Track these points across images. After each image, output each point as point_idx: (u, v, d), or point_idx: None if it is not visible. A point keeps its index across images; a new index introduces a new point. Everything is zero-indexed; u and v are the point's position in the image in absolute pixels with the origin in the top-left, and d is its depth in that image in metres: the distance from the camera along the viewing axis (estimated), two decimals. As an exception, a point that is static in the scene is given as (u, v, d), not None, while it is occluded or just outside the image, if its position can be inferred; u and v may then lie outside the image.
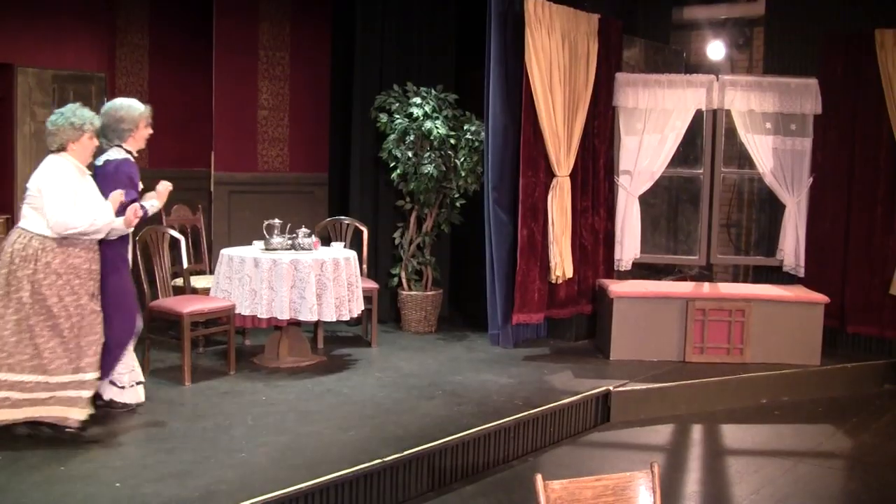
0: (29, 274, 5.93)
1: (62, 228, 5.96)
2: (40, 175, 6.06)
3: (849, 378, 9.06)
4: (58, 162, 6.11)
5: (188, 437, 6.29)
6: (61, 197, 5.97)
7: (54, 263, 5.98)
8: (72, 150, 6.18)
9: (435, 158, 9.49)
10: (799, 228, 9.63)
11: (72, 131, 6.15)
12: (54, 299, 5.96)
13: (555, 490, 3.21)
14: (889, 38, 9.11)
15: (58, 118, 6.16)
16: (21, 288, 5.92)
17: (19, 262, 5.92)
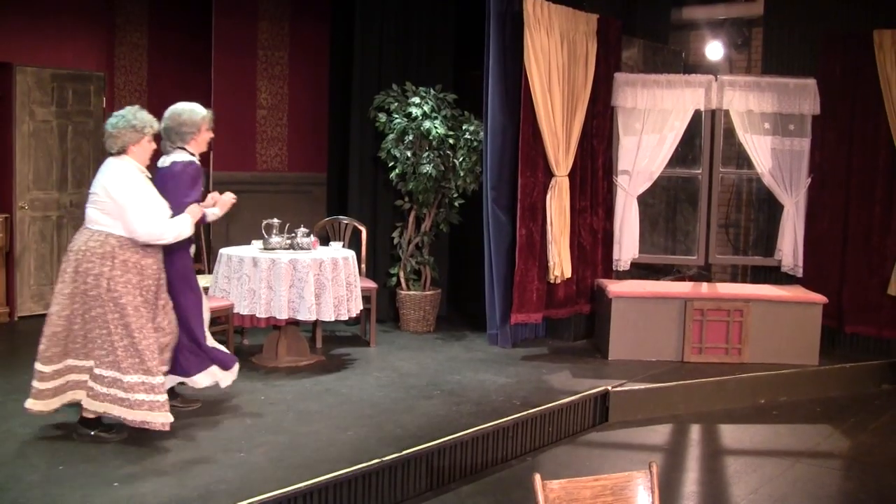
0: (105, 271, 5.97)
1: (150, 238, 6.06)
2: (111, 181, 6.06)
3: (847, 378, 9.07)
4: (126, 167, 6.13)
5: (187, 436, 6.28)
6: (143, 207, 6.03)
7: (130, 262, 6.04)
8: (132, 152, 6.19)
9: (434, 158, 9.50)
10: (797, 228, 9.64)
11: (132, 134, 6.16)
12: (128, 297, 6.00)
13: (553, 490, 3.22)
14: (887, 38, 9.12)
15: (118, 121, 6.17)
16: (98, 285, 5.96)
17: (97, 259, 5.96)
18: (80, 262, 5.97)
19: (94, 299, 5.96)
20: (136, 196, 6.03)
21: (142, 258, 6.08)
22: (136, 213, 5.98)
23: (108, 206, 6.01)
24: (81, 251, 5.99)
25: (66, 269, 6.03)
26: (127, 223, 5.98)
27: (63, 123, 10.14)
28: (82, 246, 6.00)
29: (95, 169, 10.15)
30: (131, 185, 6.05)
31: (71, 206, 10.28)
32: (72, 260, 6.01)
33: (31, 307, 10.03)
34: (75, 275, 5.98)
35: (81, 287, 5.97)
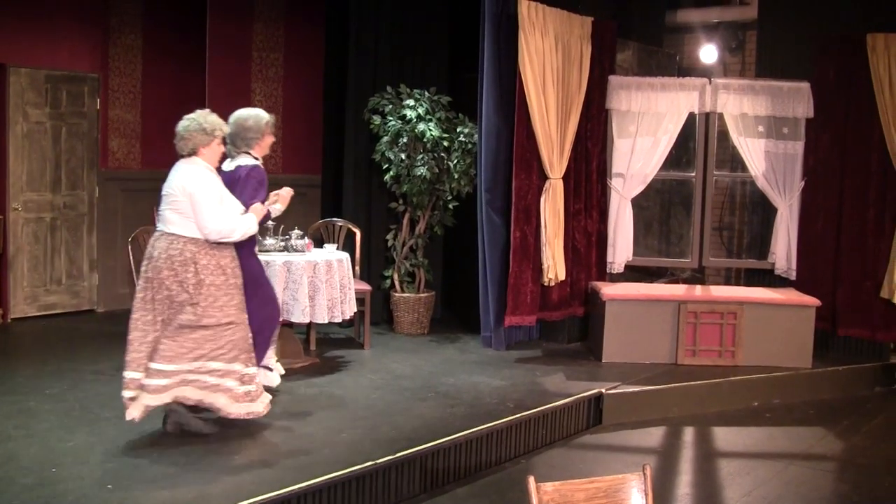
0: (189, 277, 6.11)
1: (220, 236, 6.22)
2: (186, 180, 6.20)
3: (840, 381, 9.09)
4: (198, 168, 6.29)
5: (180, 438, 6.28)
6: (216, 204, 6.21)
7: (210, 265, 6.19)
8: (202, 154, 6.35)
9: (428, 160, 9.50)
10: (791, 231, 9.65)
11: (203, 136, 6.32)
12: (211, 299, 6.16)
13: (547, 492, 3.22)
14: (880, 41, 9.14)
15: (190, 123, 6.34)
16: (184, 290, 6.10)
17: (178, 266, 6.10)
18: (162, 269, 6.11)
19: (180, 304, 6.10)
20: (210, 194, 6.20)
21: (220, 260, 6.26)
22: (208, 211, 6.15)
23: (183, 205, 6.17)
24: (163, 258, 6.13)
25: (149, 276, 6.16)
26: (199, 220, 6.14)
27: (57, 125, 10.14)
28: (163, 253, 6.14)
29: (89, 170, 10.26)
30: (205, 183, 6.22)
31: (64, 208, 10.27)
32: (155, 266, 6.14)
33: (24, 309, 10.02)
34: (159, 281, 6.12)
35: (165, 293, 6.11)
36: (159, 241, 6.21)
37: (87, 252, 10.55)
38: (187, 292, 6.09)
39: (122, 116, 10.73)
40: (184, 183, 6.19)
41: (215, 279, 6.19)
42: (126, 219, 10.65)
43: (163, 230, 6.23)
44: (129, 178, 10.82)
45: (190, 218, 6.15)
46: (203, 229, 6.16)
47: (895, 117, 9.10)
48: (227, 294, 6.26)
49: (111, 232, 10.67)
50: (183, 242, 6.14)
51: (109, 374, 7.82)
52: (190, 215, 6.15)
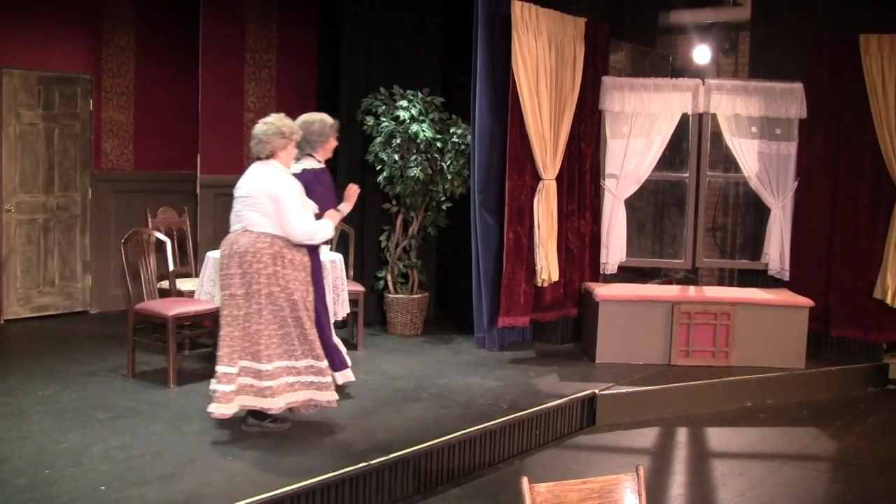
0: (279, 270, 6.31)
1: (305, 238, 6.41)
2: (270, 183, 6.34)
3: (833, 381, 9.10)
4: (279, 171, 6.45)
5: (173, 439, 6.28)
6: (299, 209, 6.39)
7: (296, 260, 6.41)
8: (279, 157, 6.50)
9: (421, 161, 9.50)
10: (784, 232, 9.66)
11: (281, 140, 6.46)
12: (298, 293, 6.38)
13: (540, 493, 3.22)
14: (873, 43, 9.15)
15: (268, 128, 6.46)
16: (274, 283, 6.28)
17: (268, 259, 6.27)
18: (251, 264, 6.25)
19: (267, 297, 6.27)
20: (294, 197, 6.37)
21: (303, 256, 6.47)
22: (294, 214, 6.32)
23: (266, 207, 6.30)
24: (251, 252, 6.26)
25: (232, 273, 6.30)
26: (285, 222, 6.31)
27: (50, 126, 10.12)
28: (251, 248, 6.26)
29: (82, 172, 10.25)
30: (289, 187, 6.39)
31: (58, 209, 10.25)
32: (240, 262, 6.28)
33: (17, 310, 10.00)
34: (245, 276, 6.27)
35: (254, 287, 6.25)
36: (243, 238, 6.33)
37: (81, 253, 10.53)
38: (278, 285, 6.28)
39: (114, 118, 10.71)
40: (267, 185, 6.32)
41: (298, 274, 6.39)
42: (119, 220, 10.64)
43: (246, 228, 6.35)
44: (122, 179, 10.80)
45: (273, 219, 6.31)
46: (288, 231, 6.33)
47: (888, 118, 9.12)
48: (307, 290, 6.47)
49: (104, 233, 10.65)
50: (271, 237, 6.30)
51: (102, 376, 7.83)
52: (274, 216, 6.31)
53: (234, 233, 6.40)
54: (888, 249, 9.17)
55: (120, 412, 6.83)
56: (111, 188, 10.71)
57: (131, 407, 6.97)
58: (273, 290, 6.26)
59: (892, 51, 9.09)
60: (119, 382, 7.68)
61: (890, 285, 9.16)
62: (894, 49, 9.08)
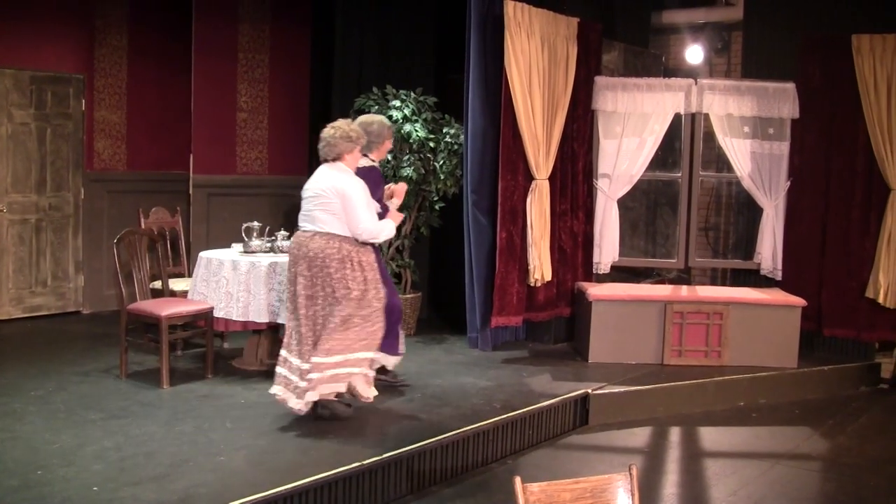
0: (348, 273, 6.62)
1: (370, 236, 6.75)
2: (339, 183, 6.66)
3: (825, 380, 9.12)
4: (346, 173, 6.78)
5: (166, 440, 6.27)
6: (366, 209, 6.72)
7: (364, 262, 6.73)
8: (346, 160, 6.82)
9: (414, 161, 9.50)
10: (776, 232, 9.68)
11: (348, 143, 6.79)
12: (364, 293, 6.69)
13: (533, 492, 3.22)
14: (865, 43, 9.18)
15: (336, 132, 6.79)
16: (342, 286, 6.60)
17: (336, 263, 6.59)
18: (321, 268, 6.60)
19: (335, 297, 6.59)
20: (361, 198, 6.69)
21: (367, 256, 6.78)
22: (362, 213, 6.66)
23: (334, 205, 6.64)
24: (320, 256, 6.60)
25: (303, 273, 6.63)
26: (353, 221, 6.64)
27: (42, 126, 10.10)
28: (319, 252, 6.60)
29: (75, 172, 10.23)
30: (356, 188, 6.71)
31: (50, 209, 10.24)
32: (310, 265, 6.62)
33: (9, 311, 9.99)
34: (315, 279, 6.61)
35: (324, 290, 6.60)
36: (314, 241, 6.64)
37: (73, 253, 10.52)
38: (347, 287, 6.58)
39: (107, 117, 10.70)
40: (335, 184, 6.65)
41: (366, 274, 6.71)
42: (111, 220, 10.63)
43: (315, 229, 6.67)
44: (114, 179, 10.79)
45: (341, 218, 6.63)
46: (355, 229, 6.65)
47: (880, 118, 9.14)
48: (374, 288, 6.76)
49: (97, 233, 10.64)
50: (339, 241, 6.62)
51: (95, 376, 7.82)
52: (341, 215, 6.62)
53: (305, 235, 6.71)
54: (880, 249, 9.20)
55: (113, 412, 6.82)
56: (104, 188, 10.69)
57: (124, 407, 6.96)
58: (342, 292, 6.57)
59: (885, 51, 9.11)
60: (112, 383, 7.67)
61: (882, 284, 9.19)
62: (886, 49, 9.11)
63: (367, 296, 6.69)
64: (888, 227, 9.17)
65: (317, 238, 6.63)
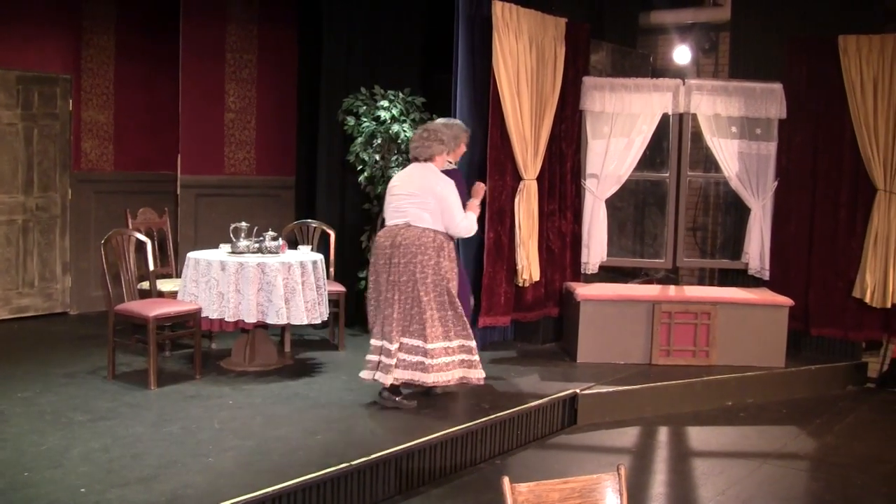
0: (442, 262, 7.07)
1: (466, 233, 7.27)
2: (434, 183, 7.11)
3: (813, 380, 9.15)
4: (438, 173, 7.20)
5: (154, 441, 6.25)
6: (460, 207, 7.17)
7: (452, 252, 7.19)
8: (436, 161, 7.26)
9: (402, 162, 9.49)
10: (764, 232, 9.70)
11: (440, 146, 7.26)
12: (454, 282, 7.17)
13: (522, 492, 3.22)
14: (852, 43, 9.20)
15: (430, 135, 7.24)
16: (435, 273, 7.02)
17: (432, 252, 7.02)
18: (416, 255, 7.00)
19: (431, 284, 7.01)
20: (455, 198, 7.13)
21: (454, 248, 7.26)
22: (458, 213, 7.12)
23: (431, 204, 7.06)
24: (415, 245, 7.00)
25: (396, 262, 7.04)
26: (450, 219, 7.09)
27: (29, 126, 10.08)
28: (415, 241, 7.01)
29: (62, 172, 10.21)
30: (450, 188, 7.13)
31: (37, 210, 10.21)
32: (405, 252, 7.01)
33: (-4, 311, 9.97)
34: (409, 266, 7.01)
35: (419, 276, 6.98)
36: (407, 232, 7.05)
37: (60, 254, 10.49)
38: (439, 274, 7.02)
39: (94, 118, 10.68)
40: (432, 185, 7.09)
41: (452, 265, 7.16)
42: (99, 221, 10.61)
43: (408, 223, 7.08)
44: (101, 179, 10.77)
45: (435, 215, 7.05)
46: (452, 227, 7.12)
47: (866, 118, 9.17)
48: (456, 279, 7.23)
49: (84, 234, 10.62)
50: (433, 233, 7.04)
51: (82, 377, 7.80)
52: (436, 213, 7.05)
53: (396, 226, 7.13)
54: (867, 248, 9.23)
55: (100, 414, 6.81)
56: (91, 189, 10.67)
57: (111, 408, 6.95)
58: (435, 279, 7.00)
59: (871, 51, 9.14)
60: (99, 384, 7.65)
61: (869, 284, 9.21)
62: (872, 50, 9.13)
63: (454, 282, 7.16)
64: (875, 227, 9.20)
65: (410, 229, 7.05)
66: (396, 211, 7.16)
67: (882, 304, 9.21)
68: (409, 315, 7.02)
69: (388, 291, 7.06)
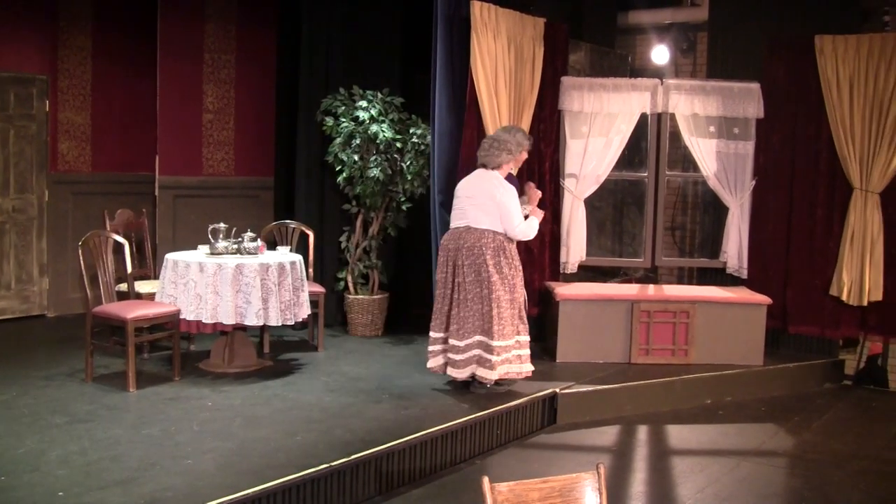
0: (501, 260, 7.54)
1: (523, 236, 7.71)
2: (496, 189, 7.61)
3: (791, 378, 9.20)
4: (501, 180, 7.69)
5: (133, 443, 6.23)
6: (519, 213, 7.66)
7: (512, 253, 7.67)
8: (502, 169, 7.77)
9: (381, 162, 9.49)
10: (742, 231, 9.74)
11: (508, 156, 7.78)
12: (515, 280, 7.65)
13: (502, 492, 3.22)
14: (828, 43, 9.25)
15: (500, 145, 7.76)
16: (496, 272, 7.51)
17: (490, 252, 7.51)
18: (478, 256, 7.51)
19: (493, 283, 7.48)
20: (515, 204, 7.61)
21: (514, 248, 7.71)
22: (516, 217, 7.59)
23: (490, 208, 7.55)
24: (477, 246, 7.52)
25: (460, 263, 7.56)
26: (507, 223, 7.56)
27: (5, 127, 10.02)
28: (476, 242, 7.52)
29: (39, 173, 10.16)
30: (511, 195, 7.61)
31: (14, 212, 10.15)
32: (468, 254, 7.53)
33: (-27, 314, 9.91)
34: (474, 266, 7.51)
35: (483, 275, 7.48)
36: (468, 234, 7.57)
37: (37, 256, 10.43)
38: (500, 273, 7.51)
39: (71, 119, 10.62)
40: (493, 191, 7.58)
41: (513, 262, 7.63)
42: (76, 222, 10.56)
43: (469, 225, 7.60)
44: (79, 181, 10.71)
45: (495, 218, 7.54)
46: (509, 230, 7.57)
47: (843, 118, 9.22)
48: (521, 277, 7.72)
49: (61, 236, 10.56)
50: (492, 234, 7.53)
51: (60, 380, 7.76)
52: (495, 216, 7.54)
53: (459, 229, 7.65)
54: (843, 247, 9.28)
55: (78, 416, 6.78)
56: (68, 190, 10.62)
57: (90, 411, 6.92)
58: (497, 278, 7.46)
59: (847, 51, 9.19)
60: (77, 386, 7.62)
61: (845, 282, 9.26)
62: (848, 50, 9.18)
63: (515, 280, 7.61)
64: (851, 226, 9.25)
65: (471, 231, 7.55)
66: (459, 211, 7.71)
67: (858, 301, 9.26)
68: (479, 314, 7.50)
69: (456, 292, 7.59)
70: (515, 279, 7.62)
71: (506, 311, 7.54)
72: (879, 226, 9.18)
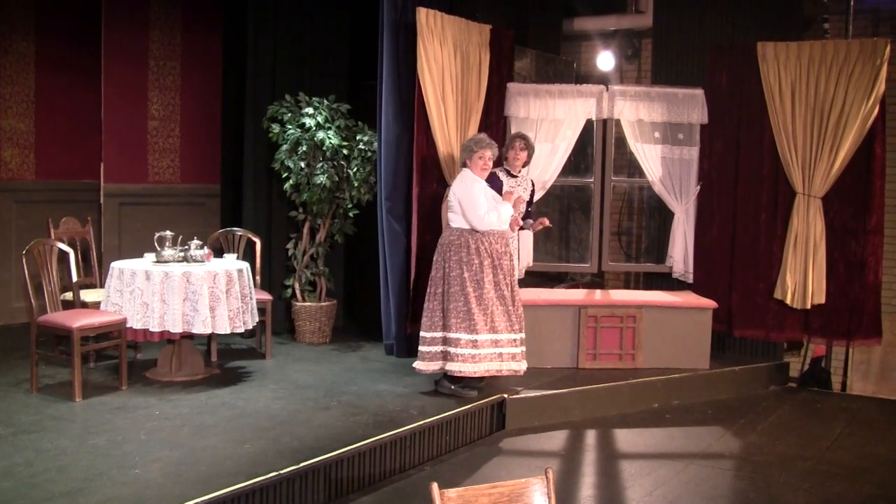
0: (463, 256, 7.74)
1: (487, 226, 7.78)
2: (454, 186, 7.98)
3: (736, 381, 9.30)
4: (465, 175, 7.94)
5: (79, 454, 6.17)
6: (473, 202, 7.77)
7: (482, 249, 7.77)
8: (469, 165, 7.94)
9: (328, 169, 9.47)
10: (687, 235, 9.83)
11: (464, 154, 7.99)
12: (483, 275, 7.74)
13: (451, 498, 3.23)
14: (770, 50, 9.37)
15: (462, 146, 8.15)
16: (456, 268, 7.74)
17: (454, 248, 7.78)
18: (445, 253, 7.80)
19: (454, 279, 7.73)
20: (473, 194, 7.75)
21: (490, 246, 7.79)
22: (479, 207, 7.73)
23: (454, 206, 7.83)
24: (445, 245, 7.85)
25: (436, 259, 7.90)
26: (468, 214, 7.76)
27: (-54, 135, 9.88)
28: (445, 241, 7.88)
29: (-20, 182, 9.99)
30: (467, 187, 7.79)
31: (-45, 220, 10.00)
32: (442, 251, 7.85)
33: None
34: (441, 263, 7.83)
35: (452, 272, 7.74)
36: (444, 233, 7.99)
37: (-20, 265, 10.30)
38: (471, 270, 7.72)
39: (14, 126, 10.48)
40: (453, 187, 7.95)
41: (483, 260, 7.76)
42: (20, 231, 10.41)
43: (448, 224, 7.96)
44: (22, 189, 10.57)
45: (457, 212, 7.81)
46: (473, 221, 7.74)
47: (785, 123, 9.35)
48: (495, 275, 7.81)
49: (5, 244, 10.41)
50: (459, 232, 7.81)
51: (4, 390, 7.67)
52: (458, 211, 7.80)
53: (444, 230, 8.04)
54: (787, 251, 9.40)
55: (23, 427, 6.69)
56: (11, 198, 10.47)
57: (35, 422, 6.83)
58: (456, 273, 7.71)
59: (788, 58, 9.32)
60: (22, 397, 7.52)
61: (789, 286, 9.38)
62: (790, 56, 9.31)
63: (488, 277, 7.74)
64: (794, 230, 9.37)
65: (447, 230, 7.92)
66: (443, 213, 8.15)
67: (802, 305, 9.39)
68: (452, 309, 7.69)
69: (433, 286, 7.87)
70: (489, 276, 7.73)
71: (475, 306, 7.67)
72: (822, 230, 9.32)
